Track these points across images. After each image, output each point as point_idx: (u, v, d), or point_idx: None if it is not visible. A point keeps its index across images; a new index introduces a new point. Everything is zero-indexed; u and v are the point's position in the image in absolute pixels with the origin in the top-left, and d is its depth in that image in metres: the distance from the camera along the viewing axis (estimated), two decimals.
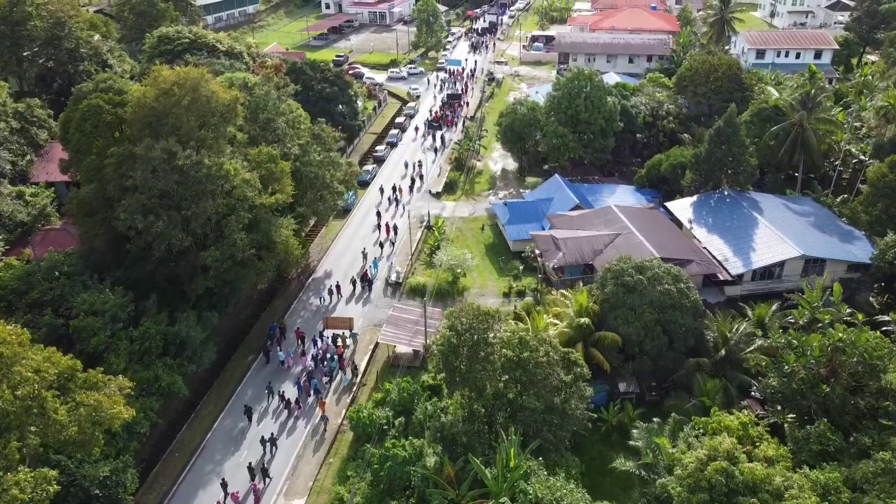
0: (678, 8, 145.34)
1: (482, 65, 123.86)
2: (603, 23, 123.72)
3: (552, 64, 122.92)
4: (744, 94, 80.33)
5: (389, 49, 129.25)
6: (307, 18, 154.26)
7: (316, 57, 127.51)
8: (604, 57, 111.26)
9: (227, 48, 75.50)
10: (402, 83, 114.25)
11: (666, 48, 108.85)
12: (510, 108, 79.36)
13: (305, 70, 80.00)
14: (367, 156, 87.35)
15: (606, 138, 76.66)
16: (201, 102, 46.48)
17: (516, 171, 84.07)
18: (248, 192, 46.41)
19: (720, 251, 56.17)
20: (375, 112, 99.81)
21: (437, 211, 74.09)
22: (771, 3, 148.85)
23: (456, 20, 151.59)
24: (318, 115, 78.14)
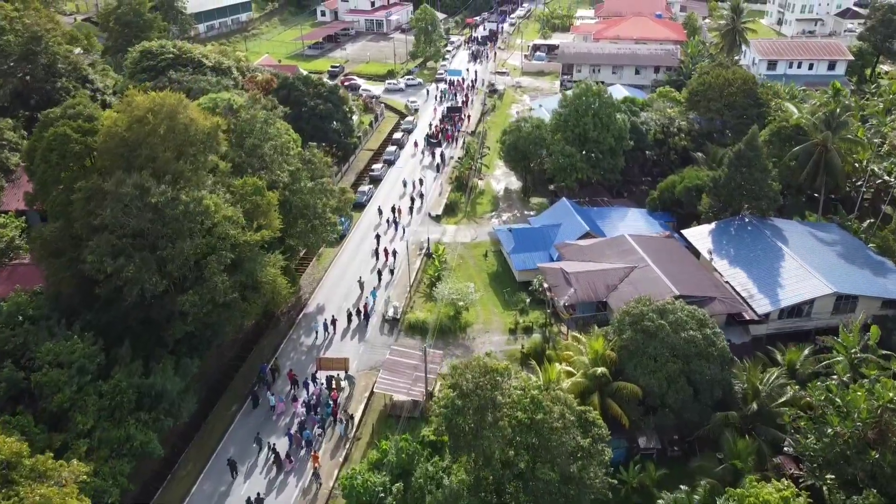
0: (683, 16, 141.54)
1: (483, 75, 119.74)
2: (607, 32, 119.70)
3: (555, 74, 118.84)
4: (759, 110, 76.25)
5: (387, 59, 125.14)
6: (301, 27, 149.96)
7: (310, 67, 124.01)
8: (609, 68, 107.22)
9: (215, 63, 71.17)
10: (399, 95, 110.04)
11: (674, 59, 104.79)
12: (514, 126, 75.17)
13: (297, 86, 75.76)
14: (363, 175, 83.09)
15: (616, 158, 72.54)
16: (179, 131, 42.22)
17: (520, 191, 79.87)
18: (230, 230, 42.11)
19: (744, 286, 51.94)
20: (372, 127, 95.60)
21: (437, 236, 69.83)
22: (779, 11, 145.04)
23: (455, 28, 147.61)
24: (312, 133, 74.16)
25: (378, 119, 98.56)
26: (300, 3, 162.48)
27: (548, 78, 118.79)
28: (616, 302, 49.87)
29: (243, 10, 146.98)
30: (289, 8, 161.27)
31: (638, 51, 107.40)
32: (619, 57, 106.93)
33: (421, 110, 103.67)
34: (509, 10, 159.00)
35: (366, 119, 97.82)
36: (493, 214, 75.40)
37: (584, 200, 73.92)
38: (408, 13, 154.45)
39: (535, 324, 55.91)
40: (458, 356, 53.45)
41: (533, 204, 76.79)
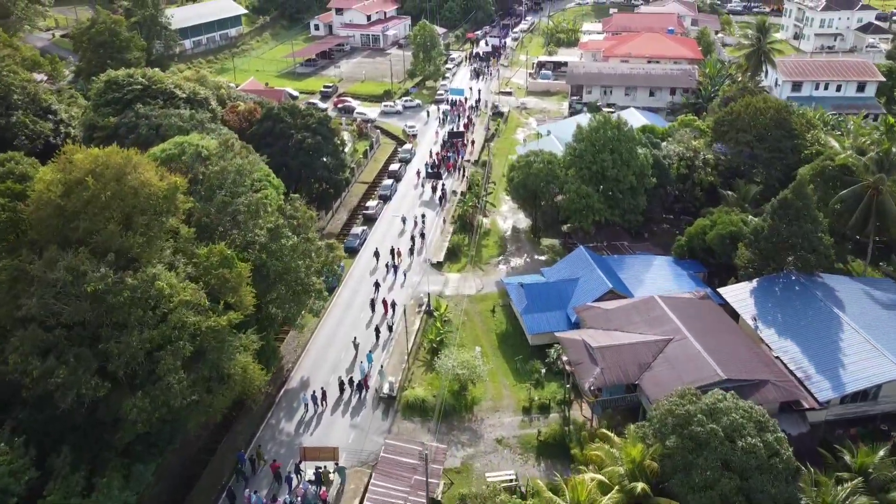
0: (695, 30, 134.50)
1: (486, 94, 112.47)
2: (617, 49, 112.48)
3: (562, 94, 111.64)
4: (794, 142, 68.95)
5: (383, 77, 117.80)
6: (293, 42, 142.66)
7: (302, 86, 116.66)
8: (621, 89, 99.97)
9: (190, 93, 63.70)
10: (396, 118, 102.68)
11: (691, 80, 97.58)
12: (523, 161, 67.72)
13: (283, 117, 68.31)
14: (357, 213, 75.58)
15: (637, 197, 65.18)
16: (127, 197, 34.78)
17: (529, 231, 72.47)
18: (189, 318, 34.57)
19: (798, 365, 44.44)
20: (367, 156, 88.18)
21: (438, 287, 62.33)
22: (795, 25, 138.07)
23: (455, 43, 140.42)
24: (299, 169, 66.86)
25: (373, 147, 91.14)
26: (293, 16, 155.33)
27: (554, 98, 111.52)
28: (651, 386, 42.39)
29: (232, 24, 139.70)
30: (281, 21, 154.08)
31: (652, 71, 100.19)
32: (632, 78, 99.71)
33: (420, 136, 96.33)
34: (512, 23, 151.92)
35: (360, 147, 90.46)
36: (500, 259, 67.92)
37: (602, 245, 66.52)
38: (405, 27, 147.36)
39: (552, 400, 48.49)
40: (464, 443, 45.98)
41: (544, 246, 69.44)
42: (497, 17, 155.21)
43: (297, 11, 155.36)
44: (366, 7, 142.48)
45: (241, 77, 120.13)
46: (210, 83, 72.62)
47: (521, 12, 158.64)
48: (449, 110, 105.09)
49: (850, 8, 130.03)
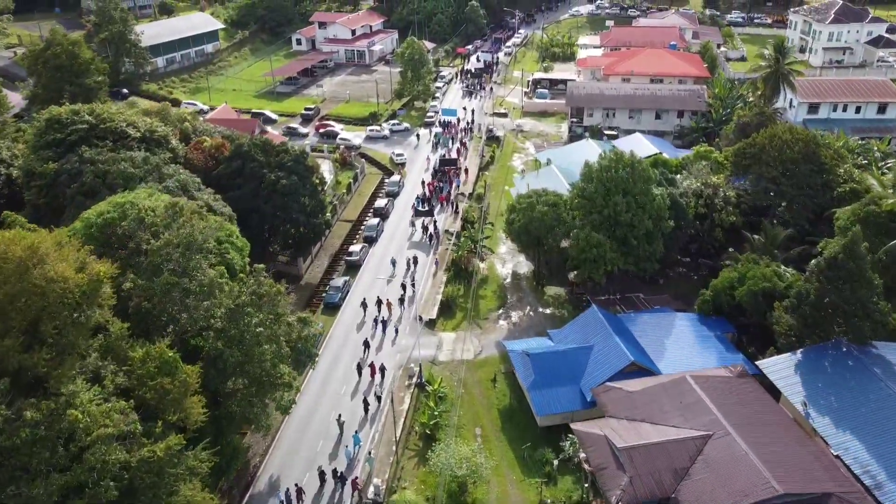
0: (696, 44, 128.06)
1: (479, 115, 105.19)
2: (619, 67, 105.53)
3: (560, 115, 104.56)
4: (824, 178, 62.02)
5: (369, 97, 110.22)
6: (273, 58, 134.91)
7: (282, 108, 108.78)
8: (625, 112, 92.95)
9: (145, 132, 55.83)
10: (383, 144, 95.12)
11: (700, 102, 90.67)
12: (524, 203, 60.23)
13: (255, 154, 60.61)
14: (338, 259, 67.85)
15: (653, 243, 57.90)
16: (31, 296, 27.00)
17: (531, 278, 65.08)
18: (111, 455, 26.80)
19: (866, 468, 37.16)
20: (351, 189, 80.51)
21: (430, 351, 54.75)
22: (801, 38, 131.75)
23: (445, 59, 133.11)
24: (272, 213, 59.16)
25: (358, 179, 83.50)
26: (274, 30, 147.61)
27: (552, 120, 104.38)
28: (691, 500, 34.95)
29: (209, 40, 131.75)
30: (260, 36, 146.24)
31: (658, 92, 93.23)
32: (636, 99, 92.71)
33: (409, 163, 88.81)
34: (504, 37, 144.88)
35: (343, 178, 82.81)
36: (500, 313, 60.45)
37: (615, 298, 59.34)
38: (392, 42, 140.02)
39: (567, 502, 41.02)
40: None
41: (549, 297, 62.15)
42: (488, 31, 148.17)
43: (278, 25, 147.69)
44: (350, 21, 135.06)
45: (217, 98, 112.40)
46: (173, 116, 64.73)
47: (514, 25, 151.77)
48: (441, 133, 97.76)
49: (859, 20, 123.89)
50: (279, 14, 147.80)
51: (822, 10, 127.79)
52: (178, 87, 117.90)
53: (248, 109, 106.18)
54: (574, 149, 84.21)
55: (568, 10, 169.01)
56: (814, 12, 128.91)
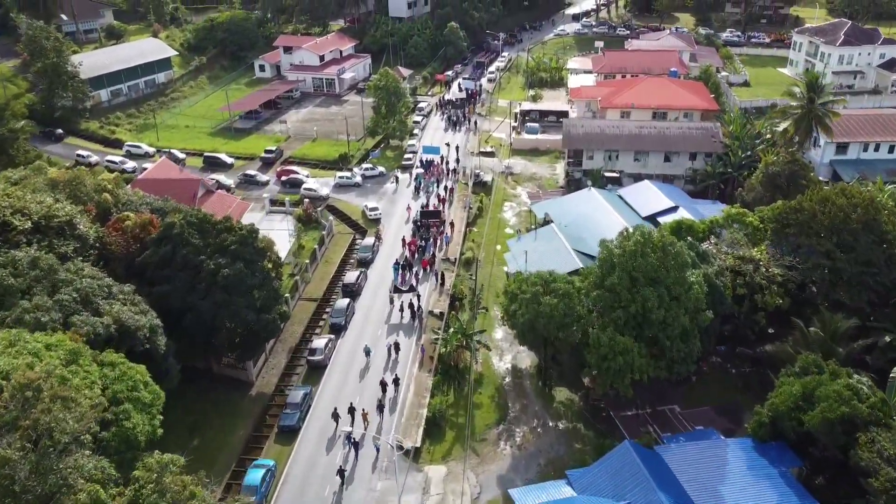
0: (695, 67, 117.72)
1: (464, 153, 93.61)
2: (617, 98, 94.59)
3: (555, 153, 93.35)
4: (888, 251, 51.20)
5: (339, 134, 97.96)
6: (233, 87, 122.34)
7: (240, 148, 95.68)
8: (629, 154, 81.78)
9: (41, 218, 43.24)
10: (355, 194, 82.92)
11: (715, 143, 79.84)
12: (528, 291, 48.35)
13: (189, 237, 48.21)
14: (299, 354, 55.43)
15: (690, 341, 46.51)
16: None
17: (536, 376, 53.38)
18: None
19: None
20: (316, 255, 68.18)
21: (414, 498, 42.57)
22: (806, 60, 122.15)
23: (422, 86, 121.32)
24: (214, 314, 46.75)
25: (325, 241, 71.16)
26: (235, 54, 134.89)
27: (545, 159, 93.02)
28: None
29: (160, 68, 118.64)
30: (220, 62, 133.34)
31: (667, 131, 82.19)
32: (642, 140, 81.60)
33: (385, 218, 76.70)
34: (486, 60, 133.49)
35: (308, 241, 70.53)
36: (501, 429, 48.55)
37: (645, 414, 47.82)
38: (365, 67, 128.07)
39: None
40: None
41: (559, 404, 50.57)
42: (469, 54, 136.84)
43: (240, 49, 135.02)
44: (318, 46, 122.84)
45: (167, 137, 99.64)
46: (89, 186, 51.94)
47: (497, 46, 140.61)
48: (423, 175, 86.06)
49: (871, 42, 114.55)
50: (241, 37, 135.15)
51: (829, 31, 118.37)
52: (123, 124, 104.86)
53: (200, 151, 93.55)
54: (575, 201, 72.88)
55: (553, 29, 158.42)
56: (821, 33, 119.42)
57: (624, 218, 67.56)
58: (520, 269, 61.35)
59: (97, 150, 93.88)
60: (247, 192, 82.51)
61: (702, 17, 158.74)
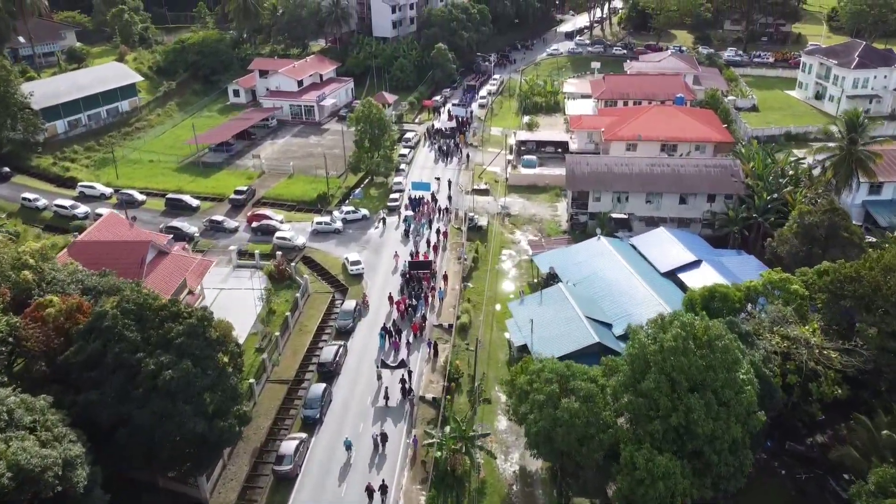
0: (699, 90, 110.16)
1: (455, 190, 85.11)
2: (622, 130, 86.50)
3: (555, 190, 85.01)
4: None
5: (318, 169, 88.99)
6: (204, 114, 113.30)
7: (208, 187, 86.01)
8: (640, 196, 73.44)
9: None
10: (335, 242, 73.95)
11: (737, 183, 71.70)
12: (542, 392, 39.62)
13: (125, 328, 39.08)
14: (264, 457, 46.16)
15: (741, 454, 37.97)
16: None
17: (549, 483, 44.54)
18: None
19: None
20: (289, 323, 59.05)
21: None
22: (817, 82, 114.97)
23: (409, 113, 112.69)
24: (154, 427, 37.60)
25: (299, 304, 62.05)
26: (207, 78, 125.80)
27: (545, 197, 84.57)
28: None
29: (124, 95, 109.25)
30: (192, 86, 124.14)
31: (681, 169, 73.97)
32: (655, 180, 73.32)
33: (370, 272, 67.79)
34: (477, 83, 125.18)
35: (280, 304, 61.49)
36: None
37: None
38: (348, 92, 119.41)
39: None
40: None
41: None
42: (458, 76, 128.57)
43: (213, 73, 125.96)
44: (296, 70, 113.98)
45: (127, 173, 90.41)
46: (5, 260, 42.69)
47: (488, 68, 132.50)
48: (412, 217, 77.47)
49: (886, 65, 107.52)
50: (213, 59, 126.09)
51: (841, 53, 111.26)
52: (80, 159, 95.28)
53: (163, 191, 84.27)
54: (583, 253, 64.62)
55: (545, 48, 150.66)
56: (832, 54, 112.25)
57: (641, 275, 59.44)
58: (525, 340, 53.27)
59: (47, 191, 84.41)
60: (213, 241, 73.35)
61: (700, 34, 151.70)
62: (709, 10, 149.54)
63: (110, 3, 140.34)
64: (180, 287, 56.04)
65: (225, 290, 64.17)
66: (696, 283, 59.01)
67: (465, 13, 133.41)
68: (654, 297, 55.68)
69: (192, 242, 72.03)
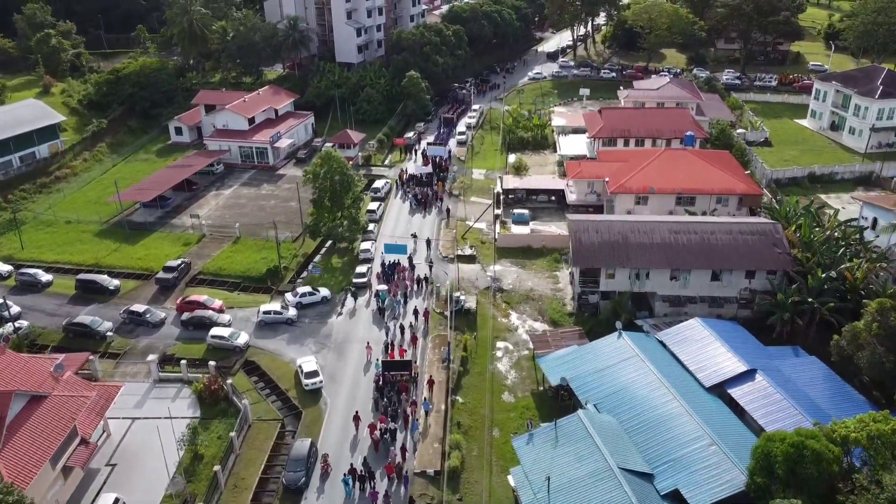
0: (703, 121, 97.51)
1: (437, 255, 70.99)
2: (631, 181, 72.99)
3: (553, 256, 71.25)
4: None
5: (269, 230, 73.78)
6: (138, 157, 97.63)
7: (135, 257, 69.74)
8: (664, 272, 59.69)
9: None
10: (286, 337, 59.01)
11: (782, 257, 58.34)
12: None
13: None
14: None
15: None
16: None
17: None
18: None
19: None
20: (219, 479, 43.93)
21: None
22: (832, 112, 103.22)
23: (377, 154, 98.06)
24: None
25: (236, 442, 46.91)
26: (147, 113, 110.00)
27: (542, 263, 70.64)
28: None
29: (42, 139, 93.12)
30: (128, 123, 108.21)
31: (712, 237, 60.41)
32: (680, 251, 59.66)
33: (331, 384, 53.04)
34: (454, 115, 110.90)
35: (209, 446, 46.34)
36: None
37: None
38: (307, 129, 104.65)
39: None
40: None
41: None
42: (433, 108, 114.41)
43: (153, 106, 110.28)
44: (247, 106, 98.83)
45: (35, 241, 74.45)
46: None
47: (466, 97, 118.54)
48: (387, 293, 63.14)
49: None
50: (154, 91, 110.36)
51: (861, 80, 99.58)
52: None
53: (76, 266, 68.68)
54: (603, 357, 51.12)
55: (527, 72, 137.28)
56: (850, 82, 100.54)
57: (682, 393, 46.03)
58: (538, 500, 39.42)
59: None
60: (132, 340, 58.09)
61: (693, 54, 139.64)
62: (702, 29, 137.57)
63: (37, 27, 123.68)
64: (66, 441, 40.77)
65: (140, 420, 48.99)
66: (754, 405, 45.90)
67: (438, 35, 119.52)
68: (705, 433, 42.36)
69: (103, 343, 56.81)
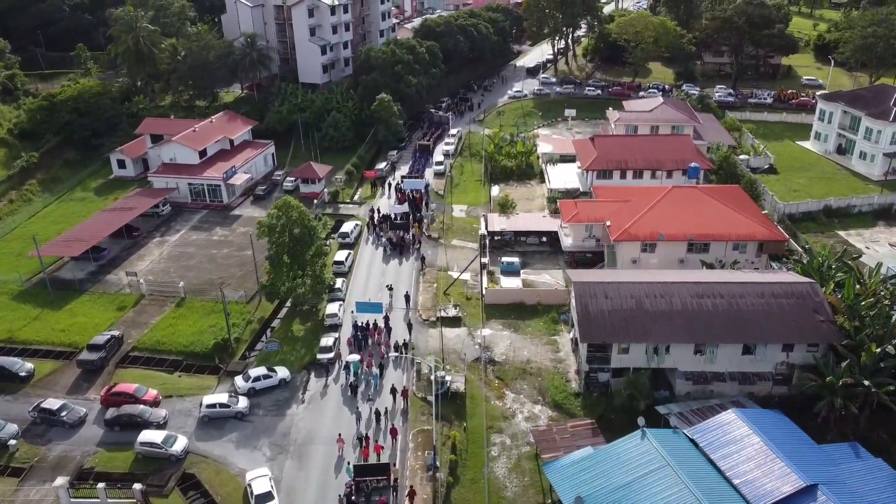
0: (701, 145, 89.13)
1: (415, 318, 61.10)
2: (637, 226, 63.71)
3: (550, 315, 61.67)
4: None
5: (222, 284, 62.88)
6: (74, 196, 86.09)
7: (56, 327, 57.67)
8: (687, 346, 50.31)
9: None
10: (234, 437, 48.37)
11: (826, 327, 49.29)
12: None
13: None
14: None
15: None
16: None
17: None
18: None
19: None
20: None
21: None
22: (839, 134, 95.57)
23: (346, 188, 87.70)
24: None
25: None
26: (87, 143, 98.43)
27: (538, 326, 60.92)
28: None
29: None
30: (65, 155, 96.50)
31: (741, 302, 51.06)
32: (705, 320, 50.19)
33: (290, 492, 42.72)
34: (430, 141, 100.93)
35: None
36: None
37: None
38: (266, 160, 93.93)
39: None
40: None
41: None
42: (407, 132, 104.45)
43: (94, 136, 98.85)
44: (198, 136, 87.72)
45: None
46: None
47: (443, 119, 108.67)
48: (360, 366, 53.20)
49: None
50: (94, 119, 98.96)
51: (870, 100, 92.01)
52: None
53: None
54: (624, 465, 41.61)
55: (506, 89, 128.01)
56: (858, 102, 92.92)
57: None
58: None
59: None
60: (42, 448, 47.08)
61: (681, 69, 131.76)
62: (691, 43, 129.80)
63: None
64: None
65: None
66: None
67: (410, 53, 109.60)
68: None
69: (4, 454, 45.76)
